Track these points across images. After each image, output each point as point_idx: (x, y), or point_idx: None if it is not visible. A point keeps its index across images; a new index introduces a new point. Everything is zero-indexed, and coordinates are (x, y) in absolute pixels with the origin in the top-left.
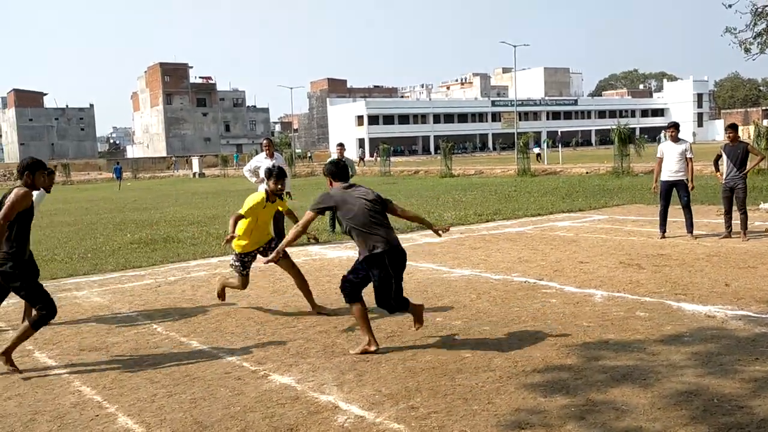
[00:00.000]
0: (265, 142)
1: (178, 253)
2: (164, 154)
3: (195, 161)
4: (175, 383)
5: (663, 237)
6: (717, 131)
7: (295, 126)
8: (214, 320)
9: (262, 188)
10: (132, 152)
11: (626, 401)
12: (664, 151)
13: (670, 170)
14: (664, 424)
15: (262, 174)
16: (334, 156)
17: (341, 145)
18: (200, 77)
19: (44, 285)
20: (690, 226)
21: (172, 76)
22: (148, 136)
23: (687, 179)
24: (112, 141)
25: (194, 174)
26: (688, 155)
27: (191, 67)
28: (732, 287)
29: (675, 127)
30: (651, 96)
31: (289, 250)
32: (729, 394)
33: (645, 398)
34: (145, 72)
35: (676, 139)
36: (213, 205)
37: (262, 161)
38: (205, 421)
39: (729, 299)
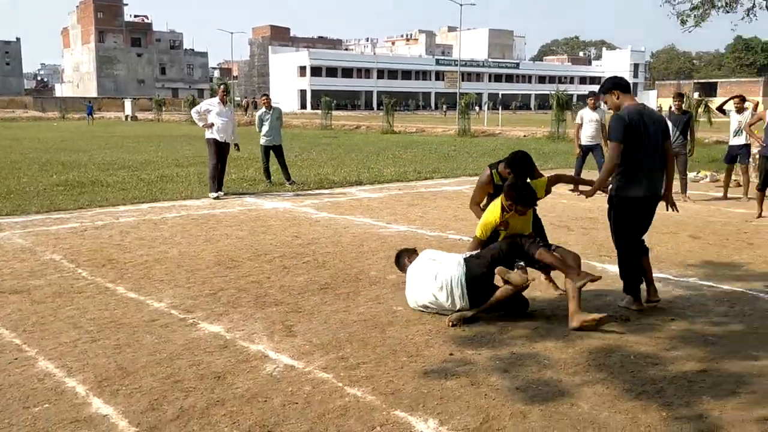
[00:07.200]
0: (222, 87)
1: (106, 197)
2: (95, 95)
3: (127, 104)
4: (99, 329)
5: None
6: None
7: (235, 73)
8: (142, 267)
9: (209, 134)
10: (61, 91)
11: (548, 356)
12: (584, 117)
13: (588, 135)
14: (583, 378)
15: (210, 119)
16: (262, 109)
17: (266, 95)
18: (135, 15)
19: None
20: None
21: (106, 13)
22: (78, 75)
23: (602, 144)
24: (39, 78)
25: (126, 117)
26: (603, 122)
27: (126, 5)
28: (654, 251)
29: (595, 96)
30: (590, 64)
31: (228, 199)
32: (645, 351)
33: (566, 353)
34: (77, 7)
35: (594, 107)
36: (145, 149)
37: (214, 106)
38: (129, 368)
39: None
